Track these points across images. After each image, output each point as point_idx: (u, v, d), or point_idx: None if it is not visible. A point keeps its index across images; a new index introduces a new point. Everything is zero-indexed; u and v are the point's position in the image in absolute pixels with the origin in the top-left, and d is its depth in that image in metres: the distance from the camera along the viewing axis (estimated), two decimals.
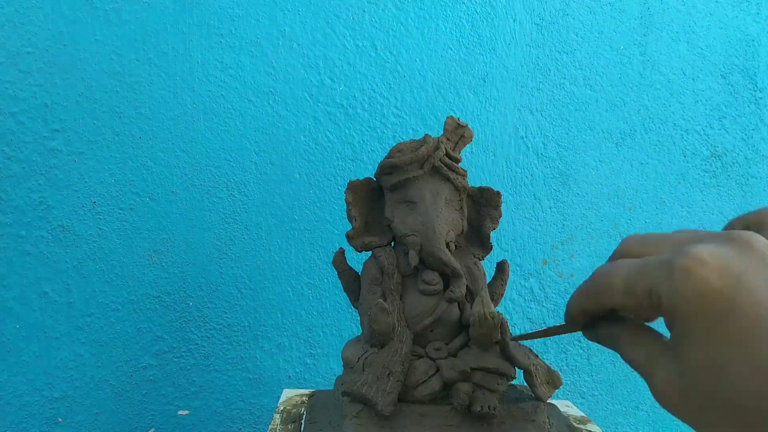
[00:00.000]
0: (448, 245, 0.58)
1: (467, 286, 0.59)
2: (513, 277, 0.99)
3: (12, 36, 0.83)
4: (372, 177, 0.63)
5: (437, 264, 0.57)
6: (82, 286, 0.86)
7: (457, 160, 0.60)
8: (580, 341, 1.03)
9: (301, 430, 0.60)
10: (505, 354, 0.57)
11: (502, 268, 0.64)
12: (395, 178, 0.59)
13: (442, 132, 0.61)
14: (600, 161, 1.04)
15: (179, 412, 0.90)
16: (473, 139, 0.62)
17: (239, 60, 0.91)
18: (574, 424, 0.65)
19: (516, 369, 0.57)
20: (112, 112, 0.87)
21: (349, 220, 0.61)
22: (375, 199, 0.63)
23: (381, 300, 0.56)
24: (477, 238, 0.63)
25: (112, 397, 0.88)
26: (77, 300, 0.86)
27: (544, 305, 1.02)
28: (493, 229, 0.62)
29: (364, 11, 0.95)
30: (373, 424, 0.53)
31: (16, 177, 0.84)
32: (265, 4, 0.92)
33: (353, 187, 0.62)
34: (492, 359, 0.56)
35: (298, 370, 0.94)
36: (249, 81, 0.92)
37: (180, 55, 0.89)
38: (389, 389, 0.53)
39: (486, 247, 0.62)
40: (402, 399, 0.55)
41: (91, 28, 0.86)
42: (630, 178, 1.05)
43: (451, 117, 0.61)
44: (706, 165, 1.07)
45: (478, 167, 0.99)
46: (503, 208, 0.62)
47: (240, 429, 0.92)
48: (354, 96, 0.95)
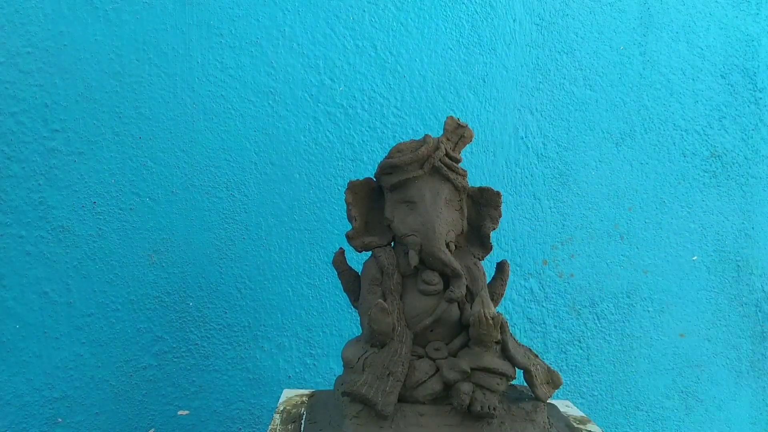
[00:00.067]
0: (448, 245, 0.58)
1: (467, 286, 0.59)
2: (513, 277, 0.99)
3: (12, 36, 0.83)
4: (372, 177, 0.63)
5: (437, 264, 0.57)
6: (82, 286, 0.86)
7: (457, 160, 0.60)
8: (580, 341, 1.03)
9: (301, 430, 0.60)
10: (505, 354, 0.57)
11: (502, 268, 0.64)
12: (395, 178, 0.59)
13: (442, 132, 0.61)
14: (600, 161, 1.04)
15: (179, 412, 0.90)
16: (473, 139, 0.63)
17: (239, 60, 0.91)
18: (574, 424, 0.65)
19: (516, 369, 0.57)
20: (112, 112, 0.87)
21: (349, 220, 0.61)
22: (375, 199, 0.63)
23: (381, 300, 0.56)
24: (477, 238, 0.63)
25: (112, 397, 0.88)
26: (77, 300, 0.86)
27: (544, 305, 1.02)
28: (493, 229, 0.62)
29: (364, 11, 0.95)
30: (373, 424, 0.53)
31: (16, 177, 0.84)
32: (265, 4, 0.92)
33: (353, 187, 0.62)
34: (492, 359, 0.56)
35: (298, 370, 0.94)
36: (249, 81, 0.92)
37: (180, 55, 0.89)
38: (389, 389, 0.53)
39: (486, 247, 0.62)
40: (402, 399, 0.55)
41: (91, 28, 0.86)
42: (630, 178, 1.05)
43: (451, 117, 0.61)
44: (706, 165, 1.07)
45: (478, 167, 0.99)
46: (503, 208, 0.62)
47: (240, 429, 0.92)
48: (354, 96, 0.95)
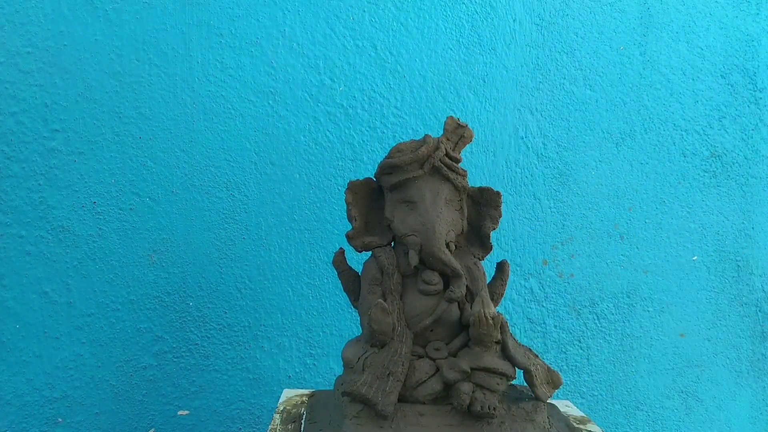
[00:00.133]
0: (448, 245, 0.58)
1: (467, 286, 0.59)
2: (513, 277, 0.99)
3: (12, 36, 0.83)
4: (372, 177, 0.63)
5: (437, 264, 0.57)
6: (82, 286, 0.86)
7: (457, 160, 0.60)
8: (580, 341, 1.03)
9: (301, 430, 0.60)
10: (505, 354, 0.57)
11: (502, 268, 0.64)
12: (395, 178, 0.59)
13: (442, 132, 0.61)
14: (600, 161, 1.04)
15: (179, 412, 0.90)
16: (473, 139, 0.63)
17: (239, 60, 0.91)
18: (574, 424, 0.65)
19: (516, 369, 0.57)
20: (112, 112, 0.87)
21: (349, 220, 0.61)
22: (375, 199, 0.63)
23: (381, 300, 0.56)
24: (477, 238, 0.63)
25: (112, 397, 0.88)
26: (77, 300, 0.86)
27: (544, 305, 1.02)
28: (493, 229, 0.62)
29: (364, 11, 0.95)
30: (373, 424, 0.53)
31: (16, 177, 0.84)
32: (265, 4, 0.92)
33: (353, 187, 0.62)
34: (492, 359, 0.56)
35: (298, 370, 0.94)
36: (249, 81, 0.92)
37: (180, 55, 0.89)
38: (389, 389, 0.53)
39: (486, 247, 0.62)
40: (402, 399, 0.55)
41: (91, 28, 0.86)
42: (630, 178, 1.05)
43: (451, 117, 0.61)
44: (706, 165, 1.07)
45: (478, 167, 0.99)
46: (503, 208, 0.62)
47: (240, 429, 0.92)
48: (354, 96, 0.95)
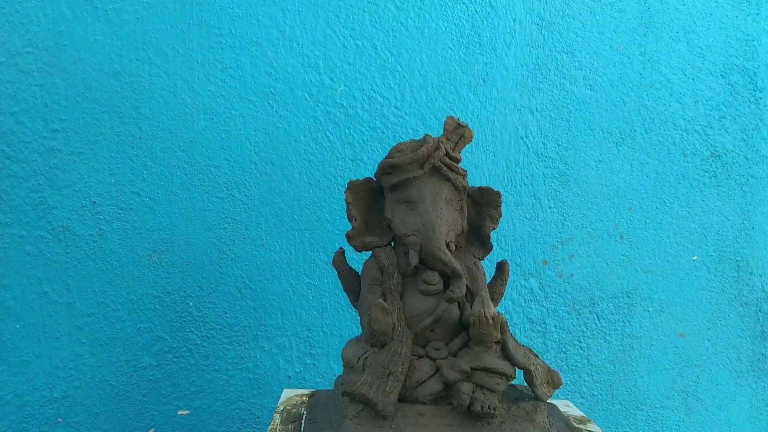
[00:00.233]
0: (448, 245, 0.58)
1: (467, 286, 0.58)
2: (513, 277, 0.99)
3: (12, 36, 0.83)
4: (372, 177, 0.63)
5: (437, 264, 0.57)
6: (82, 286, 0.86)
7: (457, 160, 0.60)
8: (580, 341, 1.03)
9: (301, 430, 0.60)
10: (505, 354, 0.57)
11: (502, 268, 0.64)
12: (395, 178, 0.59)
13: (442, 132, 0.61)
14: (600, 161, 1.04)
15: (179, 412, 0.90)
16: (473, 139, 0.63)
17: (239, 60, 0.91)
18: (574, 424, 0.65)
19: (516, 369, 0.57)
20: (112, 112, 0.87)
21: (349, 220, 0.61)
22: (375, 199, 0.63)
23: (381, 300, 0.56)
24: (477, 238, 0.63)
25: (112, 397, 0.88)
26: (77, 300, 0.86)
27: (544, 305, 1.02)
28: (493, 229, 0.62)
29: (364, 11, 0.95)
30: (373, 424, 0.53)
31: (16, 177, 0.84)
32: (265, 4, 0.92)
33: (353, 187, 0.62)
34: (492, 359, 0.56)
35: (298, 370, 0.94)
36: (249, 81, 0.92)
37: (180, 55, 0.89)
38: (389, 389, 0.53)
39: (486, 247, 0.62)
40: (402, 399, 0.55)
41: (91, 28, 0.86)
42: (630, 178, 1.05)
43: (451, 117, 0.61)
44: (706, 165, 1.07)
45: (478, 167, 0.99)
46: (503, 208, 0.62)
47: (240, 429, 0.92)
48: (354, 96, 0.95)
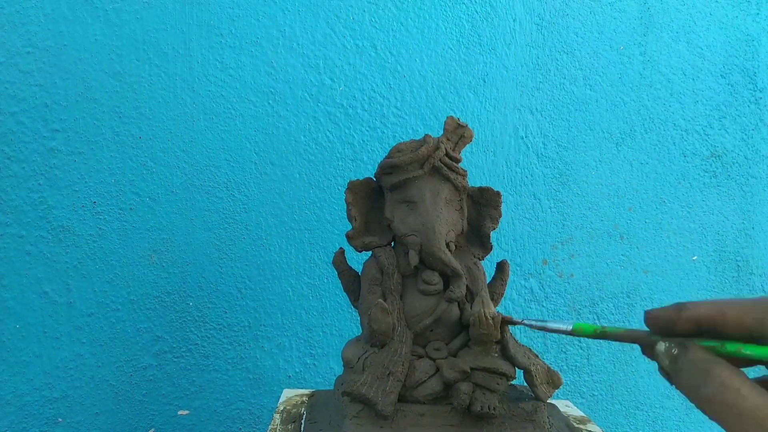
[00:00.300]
0: (448, 245, 0.58)
1: (467, 286, 0.58)
2: (513, 277, 0.99)
3: (12, 36, 0.83)
4: (372, 177, 0.63)
5: (437, 264, 0.57)
6: (82, 286, 0.86)
7: (457, 160, 0.60)
8: (580, 341, 1.03)
9: (301, 430, 0.60)
10: (505, 354, 0.57)
11: (502, 268, 0.64)
12: (395, 178, 0.59)
13: (442, 132, 0.61)
14: (600, 161, 1.04)
15: (179, 412, 0.90)
16: (473, 139, 0.62)
17: (239, 60, 0.91)
18: (574, 424, 0.65)
19: (516, 369, 0.57)
20: (112, 112, 0.87)
21: (349, 220, 0.61)
22: (375, 199, 0.63)
23: (381, 300, 0.56)
24: (477, 238, 0.63)
25: (112, 397, 0.88)
26: (77, 300, 0.86)
27: (544, 305, 1.02)
28: (493, 229, 0.62)
29: (364, 11, 0.95)
30: (373, 424, 0.53)
31: (16, 177, 0.84)
32: (265, 4, 0.92)
33: (353, 187, 0.62)
34: (492, 359, 0.56)
35: (298, 370, 0.94)
36: (249, 81, 0.92)
37: (180, 55, 0.89)
38: (389, 389, 0.53)
39: (486, 247, 0.62)
40: (402, 399, 0.55)
41: (91, 28, 0.86)
42: (630, 178, 1.05)
43: (451, 117, 0.61)
44: (706, 165, 1.07)
45: (478, 167, 0.99)
46: (503, 208, 0.62)
47: (240, 429, 0.92)
48: (354, 96, 0.95)
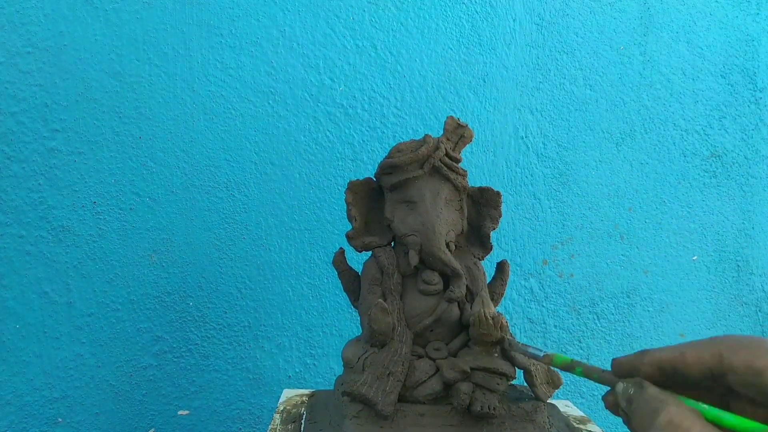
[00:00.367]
0: (448, 245, 0.58)
1: (467, 286, 0.58)
2: (513, 277, 0.99)
3: (12, 36, 0.83)
4: (372, 177, 0.63)
5: (437, 264, 0.57)
6: (82, 286, 0.86)
7: (457, 160, 0.60)
8: (580, 341, 1.03)
9: (301, 430, 0.60)
10: (505, 354, 0.57)
11: (502, 268, 0.64)
12: (395, 178, 0.59)
13: (442, 132, 0.61)
14: (600, 161, 1.04)
15: (179, 412, 0.90)
16: (473, 139, 0.62)
17: (239, 60, 0.91)
18: (574, 424, 0.65)
19: (516, 369, 0.57)
20: (112, 112, 0.87)
21: (349, 220, 0.61)
22: (375, 199, 0.63)
23: (381, 300, 0.56)
24: (477, 238, 0.63)
25: (112, 397, 0.88)
26: (77, 300, 0.86)
27: (544, 305, 1.02)
28: (493, 229, 0.62)
29: (364, 11, 0.95)
30: (373, 424, 0.53)
31: (16, 177, 0.84)
32: (265, 4, 0.92)
33: (353, 187, 0.62)
34: (492, 359, 0.56)
35: (298, 370, 0.94)
36: (249, 81, 0.92)
37: (180, 55, 0.89)
38: (389, 389, 0.53)
39: (486, 247, 0.62)
40: (402, 399, 0.55)
41: (91, 28, 0.86)
42: (630, 178, 1.05)
43: (451, 117, 0.61)
44: (706, 165, 1.07)
45: (478, 167, 0.99)
46: (503, 208, 0.62)
47: (240, 429, 0.92)
48: (354, 96, 0.95)
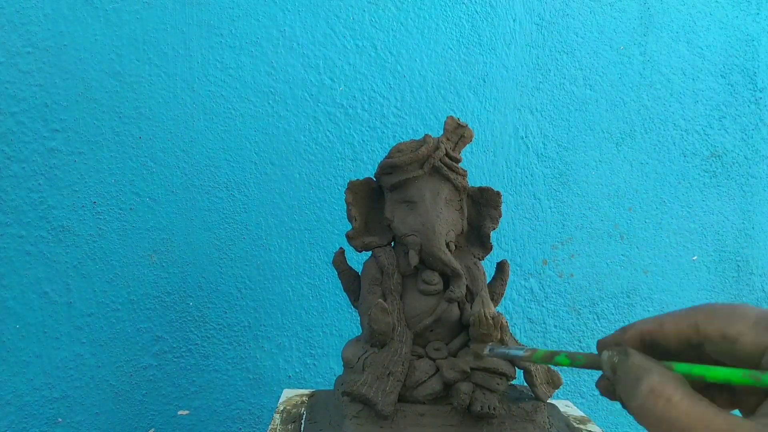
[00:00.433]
0: (448, 245, 0.58)
1: (467, 286, 0.58)
2: (513, 277, 0.99)
3: (12, 36, 0.83)
4: (372, 177, 0.63)
5: (437, 264, 0.57)
6: (82, 286, 0.86)
7: (457, 160, 0.60)
8: (581, 341, 1.03)
9: (301, 430, 0.60)
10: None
11: (502, 268, 0.64)
12: (395, 178, 0.59)
13: (442, 132, 0.61)
14: (600, 161, 1.04)
15: (179, 412, 0.90)
16: (473, 139, 0.63)
17: (239, 60, 0.91)
18: (574, 424, 0.65)
19: (516, 369, 0.57)
20: (112, 112, 0.87)
21: (349, 220, 0.61)
22: (375, 199, 0.63)
23: (381, 300, 0.56)
24: (477, 238, 0.63)
25: (112, 397, 0.88)
26: (77, 300, 0.86)
27: (544, 305, 1.02)
28: (493, 229, 0.62)
29: (364, 11, 0.95)
30: (373, 424, 0.53)
31: (16, 177, 0.84)
32: (265, 4, 0.92)
33: (353, 187, 0.62)
34: (492, 359, 0.56)
35: (298, 370, 0.94)
36: (249, 81, 0.92)
37: (180, 55, 0.89)
38: (389, 389, 0.53)
39: (486, 247, 0.62)
40: (402, 399, 0.55)
41: (91, 28, 0.86)
42: (630, 178, 1.05)
43: (451, 117, 0.61)
44: (706, 165, 1.07)
45: (478, 167, 0.99)
46: (503, 208, 0.62)
47: (240, 429, 0.92)
48: (354, 96, 0.95)
